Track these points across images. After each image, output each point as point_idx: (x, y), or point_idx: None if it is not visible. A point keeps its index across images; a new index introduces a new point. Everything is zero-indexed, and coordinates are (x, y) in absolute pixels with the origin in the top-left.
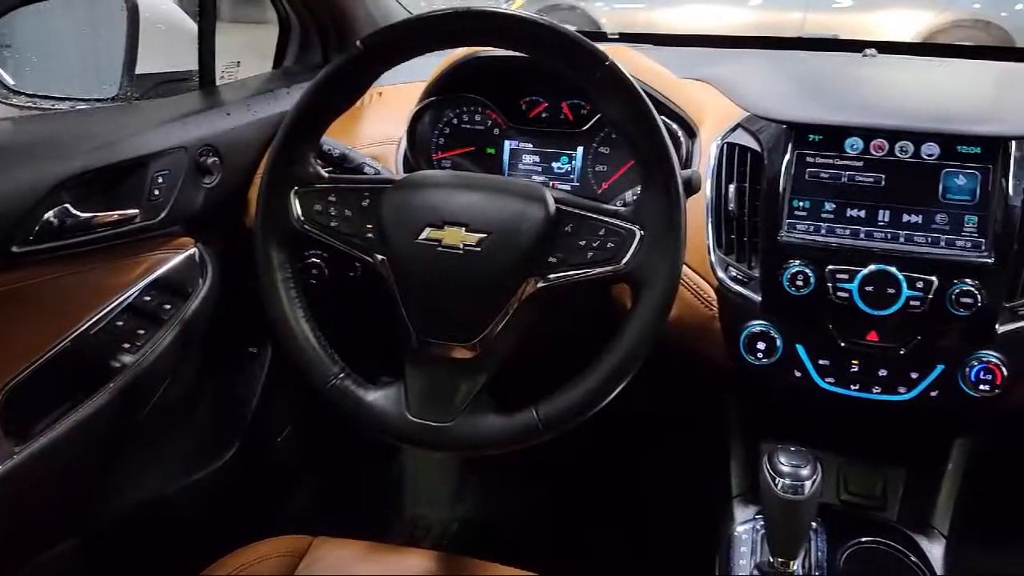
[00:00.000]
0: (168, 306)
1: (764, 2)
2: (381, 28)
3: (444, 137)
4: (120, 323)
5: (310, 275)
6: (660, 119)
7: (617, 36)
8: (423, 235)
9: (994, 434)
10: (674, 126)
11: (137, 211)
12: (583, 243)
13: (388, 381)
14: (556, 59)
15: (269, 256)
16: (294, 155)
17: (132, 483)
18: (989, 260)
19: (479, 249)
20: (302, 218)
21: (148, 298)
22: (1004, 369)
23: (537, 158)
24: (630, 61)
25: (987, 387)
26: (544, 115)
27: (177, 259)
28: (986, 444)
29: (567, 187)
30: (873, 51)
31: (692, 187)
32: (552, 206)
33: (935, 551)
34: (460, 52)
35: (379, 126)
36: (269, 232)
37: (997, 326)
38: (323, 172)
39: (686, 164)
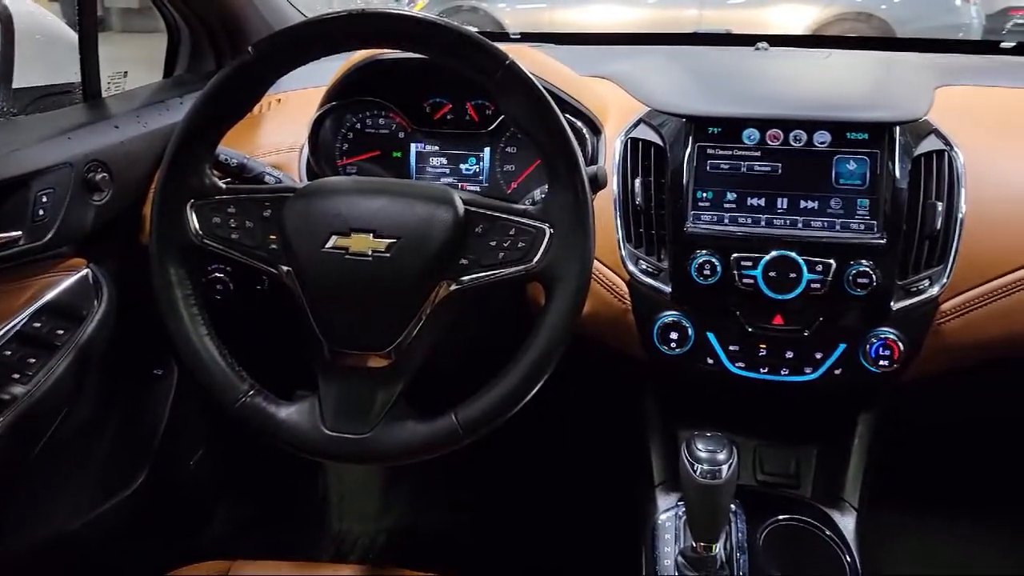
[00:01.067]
0: (61, 332)
1: (660, 0)
2: (273, 33)
3: (348, 142)
4: (8, 352)
5: (215, 291)
6: (564, 117)
7: (519, 36)
8: (329, 244)
9: (895, 408)
10: (579, 123)
11: (20, 233)
12: (494, 243)
13: (301, 395)
14: (456, 60)
15: (167, 273)
16: (188, 167)
17: (33, 520)
18: (881, 241)
19: (388, 255)
20: (200, 232)
21: (38, 324)
22: (901, 344)
23: (445, 160)
24: (532, 60)
25: (886, 362)
26: (449, 116)
27: (68, 282)
28: (888, 418)
29: (476, 188)
30: (765, 44)
31: (598, 183)
32: (461, 208)
33: (847, 523)
34: (359, 55)
35: (280, 134)
36: (165, 248)
37: (892, 304)
38: (220, 183)
39: (592, 161)
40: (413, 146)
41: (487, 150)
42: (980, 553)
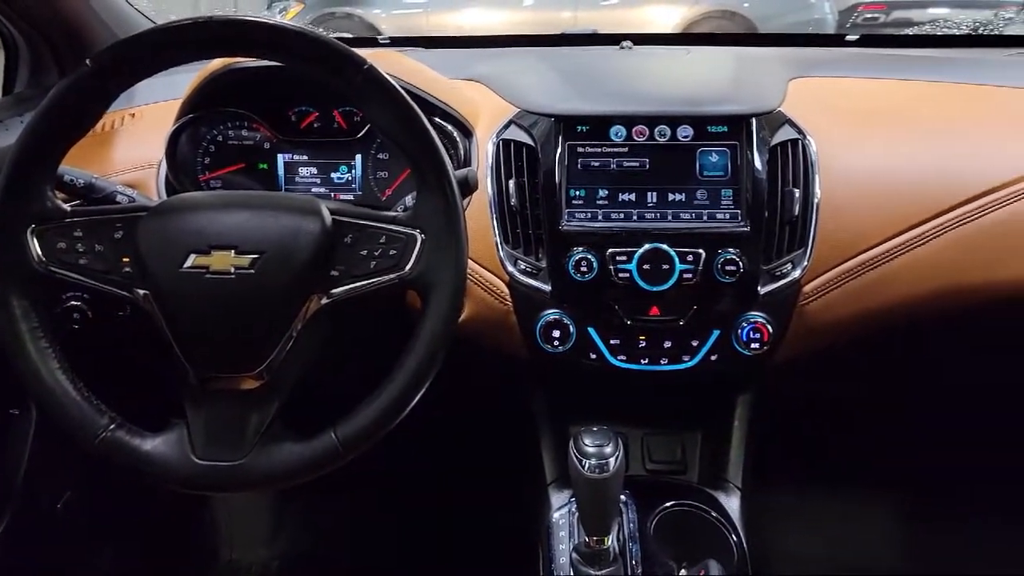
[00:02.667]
0: None
1: (536, 3)
2: (113, 43)
3: (210, 156)
4: None
5: (71, 319)
6: (435, 120)
7: (388, 40)
8: (188, 263)
9: (770, 389)
10: (449, 127)
11: None
12: (364, 253)
13: (169, 425)
14: (313, 67)
15: (9, 306)
16: (27, 190)
17: None
18: (746, 229)
19: (252, 271)
20: (44, 259)
21: None
22: (769, 327)
23: (315, 170)
24: (398, 65)
25: (757, 345)
26: (316, 125)
27: None
28: (765, 399)
29: (350, 197)
30: (629, 43)
31: (469, 186)
32: (328, 218)
33: (732, 504)
34: (215, 64)
35: (135, 150)
36: (5, 279)
37: (759, 288)
38: (64, 206)
39: (465, 163)
40: (280, 157)
41: (358, 157)
42: (861, 525)
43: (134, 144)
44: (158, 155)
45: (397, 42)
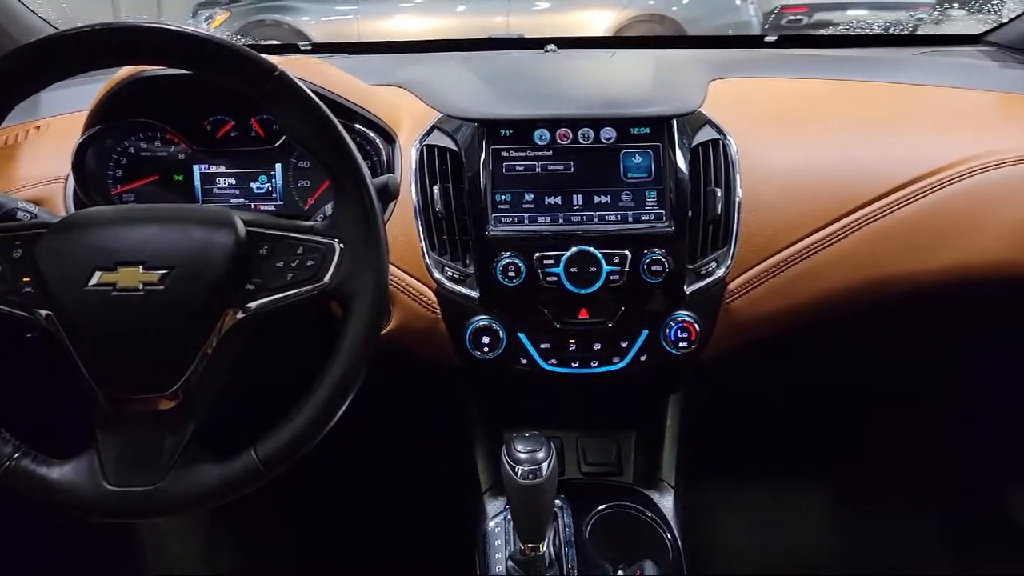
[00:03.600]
0: None
1: (468, 8)
2: (10, 51)
3: (122, 169)
4: None
5: None
6: (356, 127)
7: (310, 47)
8: (93, 281)
9: (701, 387)
10: (371, 133)
11: None
12: (281, 264)
13: (79, 452)
14: (221, 74)
15: None
16: None
17: None
18: (670, 229)
19: (162, 287)
20: None
21: None
22: (696, 325)
23: (233, 180)
24: (316, 71)
25: (685, 344)
26: (233, 134)
27: None
28: (695, 397)
29: (271, 207)
30: (553, 47)
31: (390, 193)
32: (242, 230)
33: (666, 503)
34: (122, 73)
35: (39, 165)
36: None
37: (685, 287)
38: None
39: (388, 170)
40: (196, 168)
41: (278, 166)
42: (794, 517)
43: (39, 158)
44: (65, 169)
45: (319, 48)
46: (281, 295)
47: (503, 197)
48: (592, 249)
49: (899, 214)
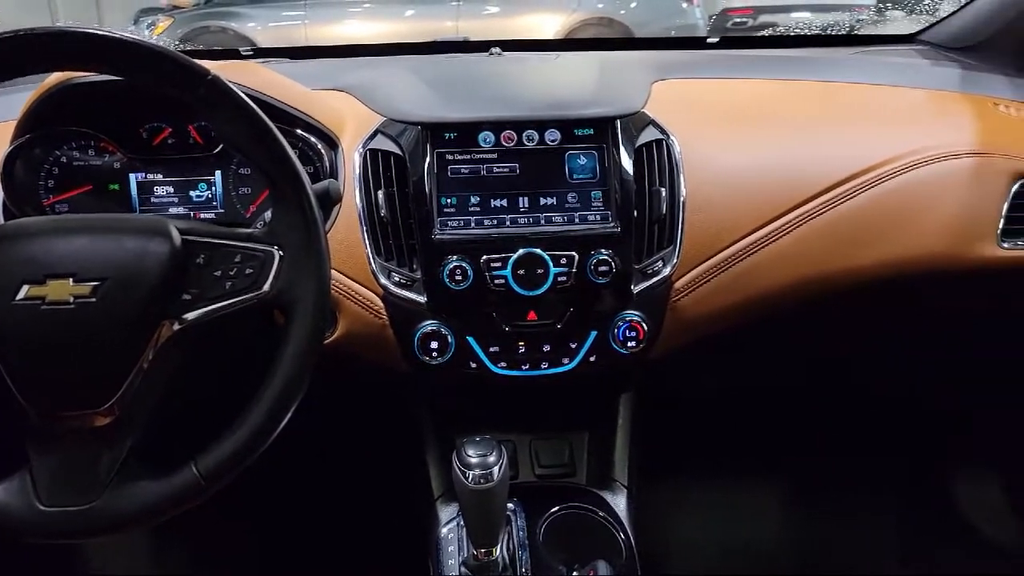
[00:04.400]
0: None
1: (417, 12)
2: None
3: (54, 179)
4: None
5: None
6: (297, 132)
7: (252, 52)
8: (21, 294)
9: (651, 385)
10: (312, 139)
11: None
12: (219, 273)
13: (11, 472)
14: (153, 79)
15: None
16: None
17: None
18: (616, 229)
19: (94, 300)
20: None
21: None
22: (644, 325)
23: (171, 188)
24: (255, 76)
25: (633, 343)
26: (171, 141)
27: None
28: (646, 396)
29: (212, 215)
30: (498, 50)
31: (331, 198)
32: (177, 238)
33: (619, 503)
34: (51, 80)
35: None
36: None
37: (633, 287)
38: None
39: (331, 175)
40: (132, 176)
41: (218, 173)
42: (746, 512)
43: None
44: None
45: (261, 53)
46: (219, 304)
47: (449, 200)
48: (539, 251)
49: (837, 211)
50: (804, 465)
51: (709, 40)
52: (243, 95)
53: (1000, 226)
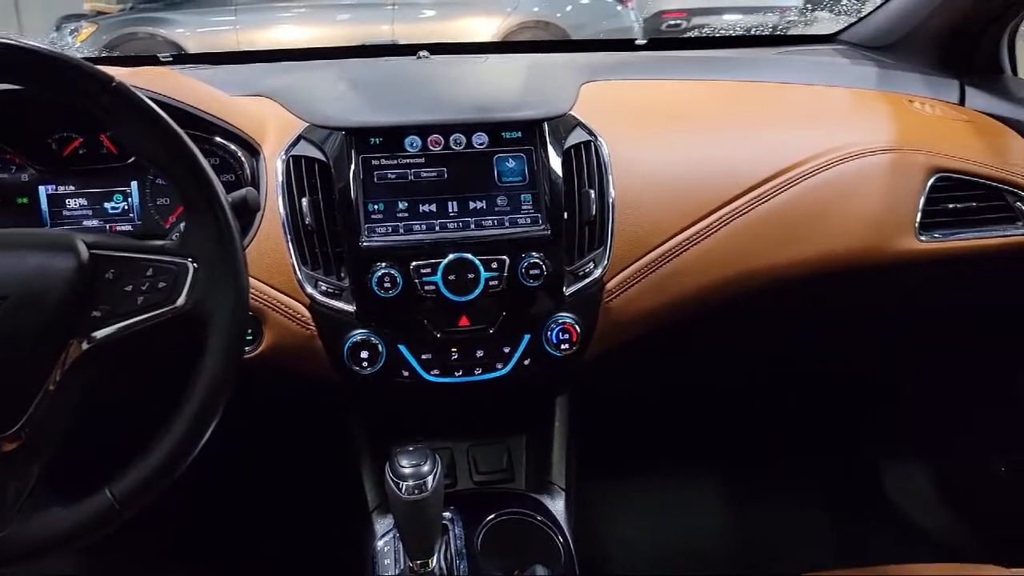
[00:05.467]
0: None
1: (352, 16)
2: None
3: None
4: None
5: None
6: (216, 140)
7: (170, 58)
8: None
9: (586, 387)
10: (232, 146)
11: None
12: (130, 288)
13: None
14: (55, 87)
15: None
16: None
17: None
18: (547, 232)
19: None
20: None
21: None
22: (577, 327)
23: (84, 201)
24: (169, 83)
25: (567, 346)
26: (82, 151)
27: None
28: (582, 398)
29: (129, 227)
30: (426, 53)
31: (249, 207)
32: (84, 253)
33: (557, 506)
34: None
35: None
36: None
37: (565, 289)
38: None
39: (253, 183)
40: (42, 189)
41: (134, 184)
42: (684, 508)
43: None
44: None
45: (180, 60)
46: (131, 321)
47: (376, 207)
48: (470, 256)
49: (762, 208)
50: (740, 462)
51: (637, 42)
52: (151, 103)
53: (917, 220)
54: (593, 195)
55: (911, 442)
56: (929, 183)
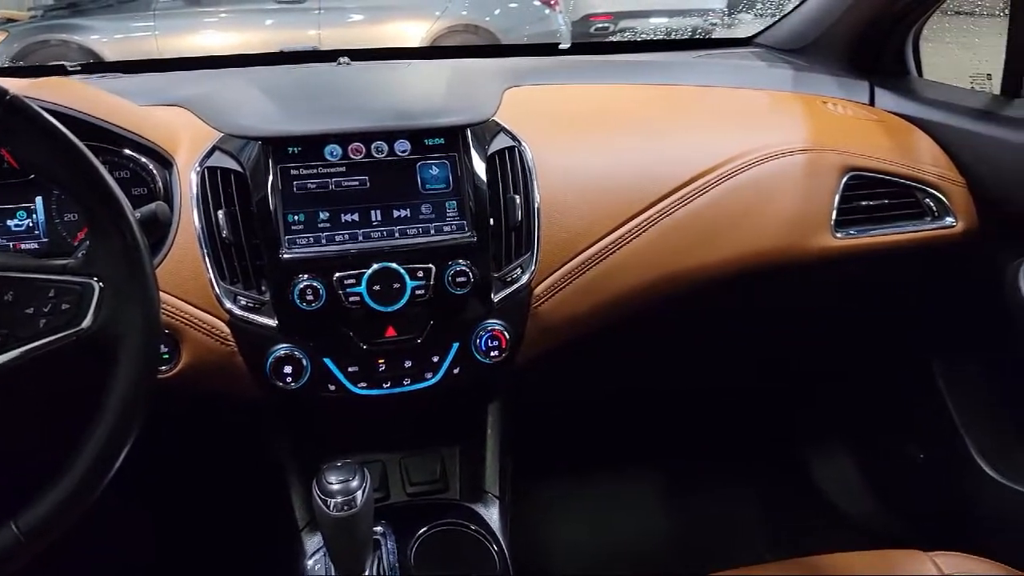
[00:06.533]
0: None
1: (278, 22)
2: None
3: None
4: None
5: None
6: (125, 153)
7: (78, 67)
8: None
9: (518, 393)
10: (143, 159)
11: None
12: (31, 311)
13: None
14: None
15: None
16: None
17: None
18: (473, 238)
19: None
20: None
21: None
22: (506, 333)
23: None
24: (73, 94)
25: (496, 352)
26: None
27: None
28: (513, 404)
29: (34, 245)
30: (346, 59)
31: (160, 222)
32: None
33: (492, 515)
34: None
35: None
36: None
37: (493, 296)
38: None
39: (166, 196)
40: None
41: (39, 200)
42: (619, 508)
43: None
44: None
45: (89, 68)
46: (33, 345)
47: (296, 217)
48: (395, 265)
49: (685, 210)
50: (675, 462)
51: (561, 46)
52: (48, 116)
53: (833, 217)
54: (518, 200)
55: (838, 436)
56: (843, 182)
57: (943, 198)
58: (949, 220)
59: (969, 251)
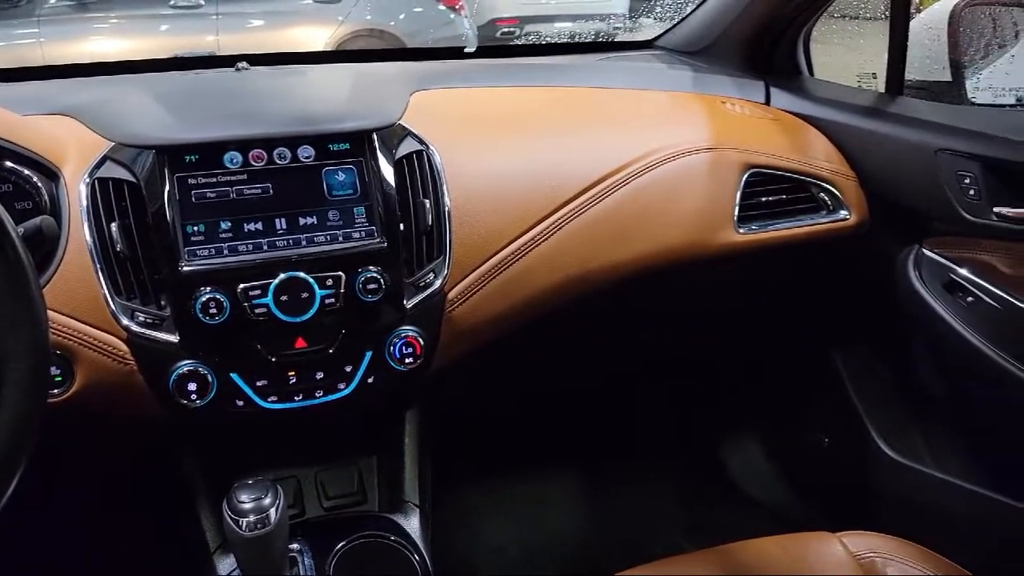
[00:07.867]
0: None
1: (173, 27)
2: None
3: None
4: None
5: None
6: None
7: None
8: None
9: (436, 399)
10: (26, 171)
11: None
12: None
13: None
14: None
15: None
16: None
17: None
18: (383, 244)
19: None
20: None
21: None
22: (420, 339)
23: None
24: None
25: (411, 359)
26: None
27: None
28: (432, 410)
29: None
30: (245, 64)
31: (45, 237)
32: None
33: (412, 524)
34: None
35: None
36: None
37: (405, 302)
38: None
39: (53, 210)
40: None
41: None
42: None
43: None
44: None
45: None
46: None
47: (195, 228)
48: (302, 274)
49: (593, 211)
50: (595, 460)
51: (466, 50)
52: None
53: (735, 213)
54: (428, 204)
55: (748, 428)
56: (743, 179)
57: (836, 192)
58: (843, 213)
59: (862, 244)
